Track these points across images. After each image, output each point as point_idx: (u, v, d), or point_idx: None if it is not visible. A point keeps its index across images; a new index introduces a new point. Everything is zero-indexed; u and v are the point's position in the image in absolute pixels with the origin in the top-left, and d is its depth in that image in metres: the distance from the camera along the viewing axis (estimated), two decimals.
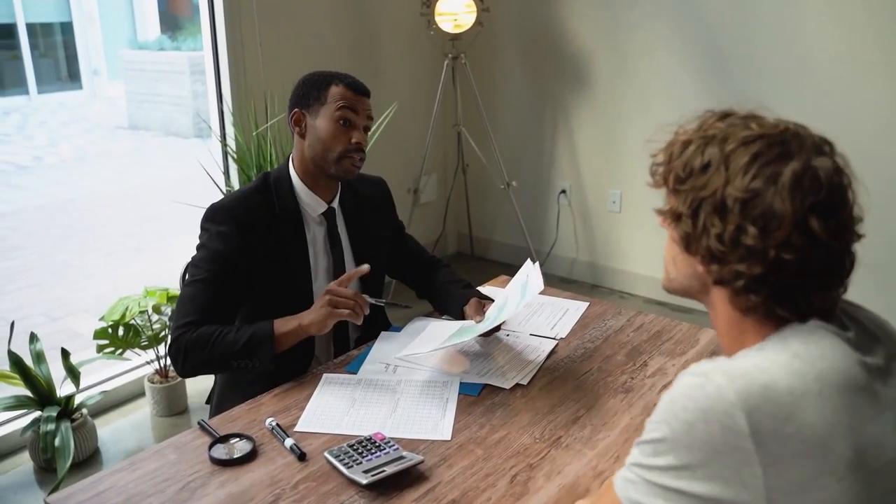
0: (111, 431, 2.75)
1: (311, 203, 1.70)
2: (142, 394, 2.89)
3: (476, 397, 1.48)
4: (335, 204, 1.74)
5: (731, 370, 0.80)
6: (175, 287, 2.79)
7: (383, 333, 1.76)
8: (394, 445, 1.29)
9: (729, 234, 0.84)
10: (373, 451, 1.27)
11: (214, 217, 1.62)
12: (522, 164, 4.02)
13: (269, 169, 2.88)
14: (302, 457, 1.29)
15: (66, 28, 11.64)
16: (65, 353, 2.46)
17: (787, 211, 0.80)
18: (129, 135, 9.46)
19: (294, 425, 1.39)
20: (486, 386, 1.51)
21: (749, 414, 0.76)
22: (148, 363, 2.84)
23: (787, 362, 0.80)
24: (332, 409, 1.44)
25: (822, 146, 0.84)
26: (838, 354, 0.81)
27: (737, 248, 0.83)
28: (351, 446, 1.29)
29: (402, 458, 1.25)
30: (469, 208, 4.25)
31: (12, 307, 4.11)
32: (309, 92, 1.66)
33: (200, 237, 1.63)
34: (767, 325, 0.87)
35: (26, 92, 10.72)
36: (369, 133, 1.74)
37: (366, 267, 1.60)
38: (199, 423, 1.41)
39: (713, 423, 0.77)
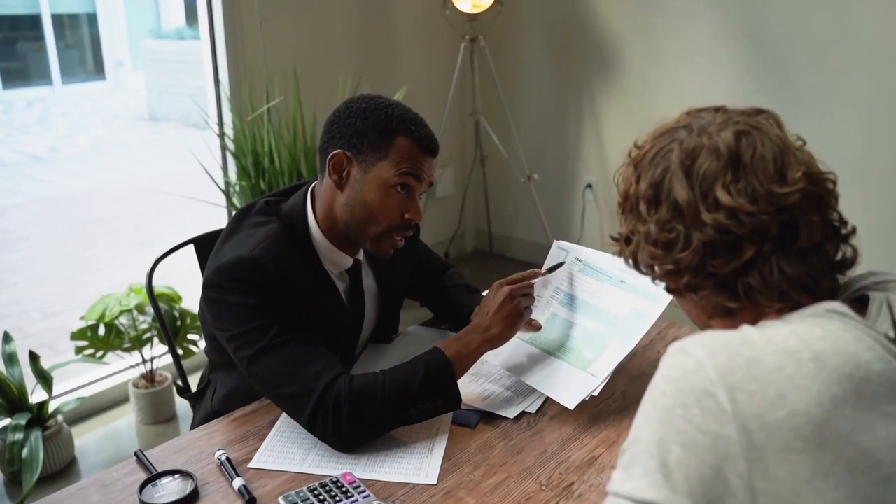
0: (91, 440, 2.54)
1: (334, 259, 1.35)
2: (126, 400, 2.67)
3: (472, 430, 1.22)
4: (360, 255, 1.41)
5: (713, 343, 0.70)
6: (168, 284, 2.58)
7: (371, 346, 1.51)
8: (363, 491, 1.04)
9: (652, 233, 0.80)
10: (337, 497, 1.03)
11: (234, 273, 1.21)
12: (545, 157, 3.75)
13: (264, 158, 2.68)
14: (251, 502, 1.05)
15: (91, 19, 11.57)
16: (33, 357, 2.25)
17: (687, 191, 0.77)
18: (149, 126, 9.35)
19: (250, 459, 1.15)
20: (484, 414, 1.26)
21: (731, 392, 0.66)
22: (133, 367, 2.63)
23: (781, 339, 0.70)
24: (297, 440, 1.20)
25: (731, 123, 0.79)
26: (847, 337, 0.69)
27: (657, 245, 0.80)
28: (312, 490, 1.05)
29: None
30: (488, 203, 3.98)
31: (9, 301, 3.94)
32: (365, 133, 1.24)
33: (226, 295, 1.22)
34: (757, 317, 0.78)
35: (50, 83, 10.67)
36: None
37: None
38: (135, 455, 1.18)
39: (692, 407, 0.67)
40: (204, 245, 1.65)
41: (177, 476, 1.10)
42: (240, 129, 2.69)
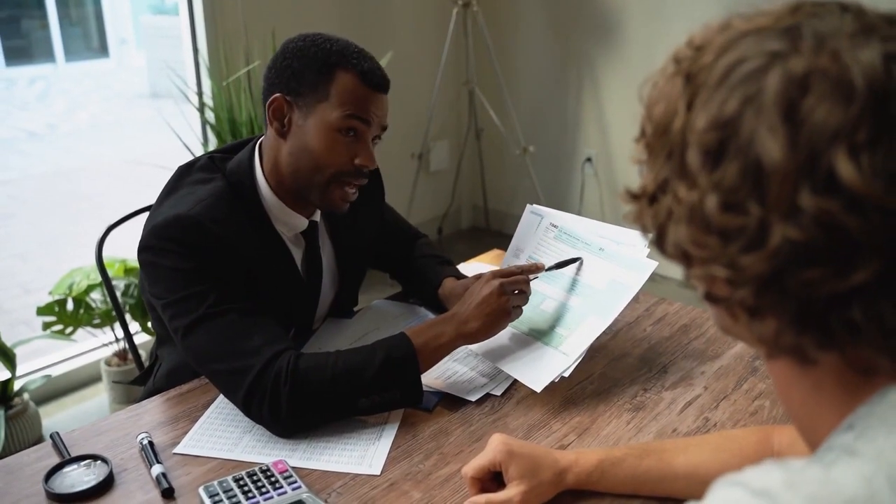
0: (61, 420, 2.44)
1: (286, 221, 1.21)
2: (99, 378, 2.57)
3: (429, 413, 1.09)
4: (317, 216, 1.27)
5: (814, 495, 0.42)
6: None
7: (329, 320, 1.38)
8: (295, 482, 0.92)
9: (704, 208, 0.48)
10: (264, 488, 0.91)
11: (170, 233, 1.09)
12: (543, 129, 3.60)
13: (242, 128, 2.55)
14: (168, 492, 0.94)
15: None
16: None
17: (779, 151, 0.44)
18: (149, 102, 9.21)
19: (176, 444, 1.03)
20: (444, 396, 1.13)
21: None
22: (106, 345, 2.52)
23: None
24: (232, 423, 1.07)
25: (874, 36, 0.45)
26: None
27: (708, 228, 0.48)
28: (237, 480, 0.93)
29: (300, 503, 0.88)
30: (484, 177, 3.84)
31: None
32: (303, 73, 1.12)
33: (161, 258, 1.10)
34: (853, 383, 0.49)
35: (53, 61, 10.56)
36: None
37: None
38: (51, 437, 1.06)
39: None
40: None
41: (89, 462, 0.98)
42: (217, 94, 2.56)
